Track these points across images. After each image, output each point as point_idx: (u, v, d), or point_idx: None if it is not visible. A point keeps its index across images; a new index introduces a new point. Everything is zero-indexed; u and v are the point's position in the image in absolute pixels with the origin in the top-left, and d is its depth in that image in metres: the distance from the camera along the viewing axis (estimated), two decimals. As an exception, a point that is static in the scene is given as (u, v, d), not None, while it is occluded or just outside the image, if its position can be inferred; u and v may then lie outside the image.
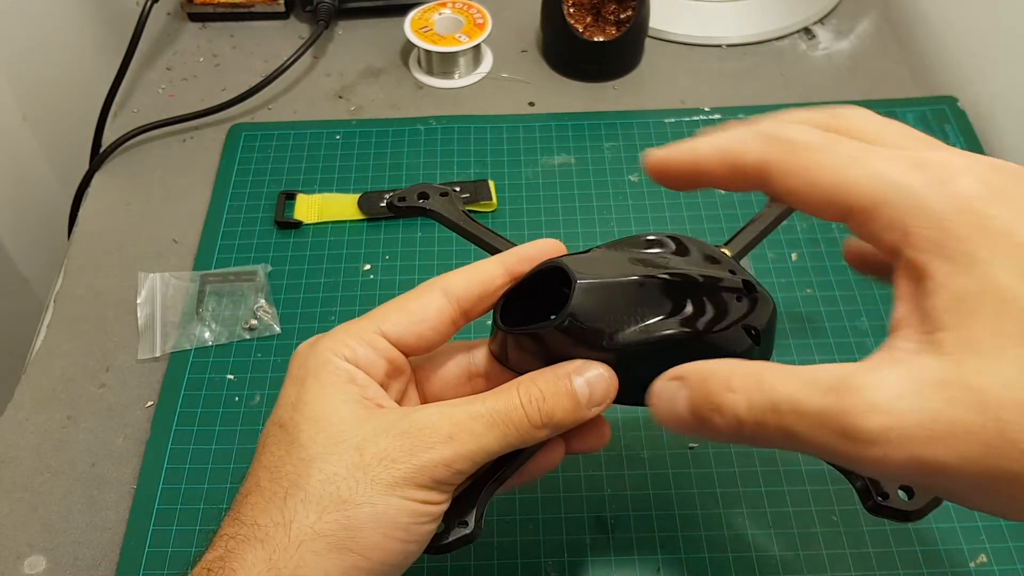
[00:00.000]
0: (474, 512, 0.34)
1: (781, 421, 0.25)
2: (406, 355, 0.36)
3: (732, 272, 0.35)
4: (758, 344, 0.34)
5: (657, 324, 0.33)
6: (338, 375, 0.33)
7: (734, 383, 0.27)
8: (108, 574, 0.46)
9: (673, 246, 0.36)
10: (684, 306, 0.33)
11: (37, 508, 0.49)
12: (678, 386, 0.29)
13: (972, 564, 0.46)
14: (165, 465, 0.50)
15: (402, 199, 0.41)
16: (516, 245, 0.37)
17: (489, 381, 0.37)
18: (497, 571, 0.46)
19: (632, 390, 0.33)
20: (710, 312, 0.33)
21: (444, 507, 0.33)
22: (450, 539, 0.34)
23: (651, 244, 0.36)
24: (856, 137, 0.28)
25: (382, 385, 0.35)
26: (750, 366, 0.27)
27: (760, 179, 0.28)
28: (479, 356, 0.38)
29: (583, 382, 0.33)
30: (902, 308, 0.25)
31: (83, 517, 0.48)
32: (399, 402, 0.36)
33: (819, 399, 0.24)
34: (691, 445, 0.50)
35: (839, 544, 0.46)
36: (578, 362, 0.33)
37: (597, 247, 0.36)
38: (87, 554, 0.47)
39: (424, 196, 0.41)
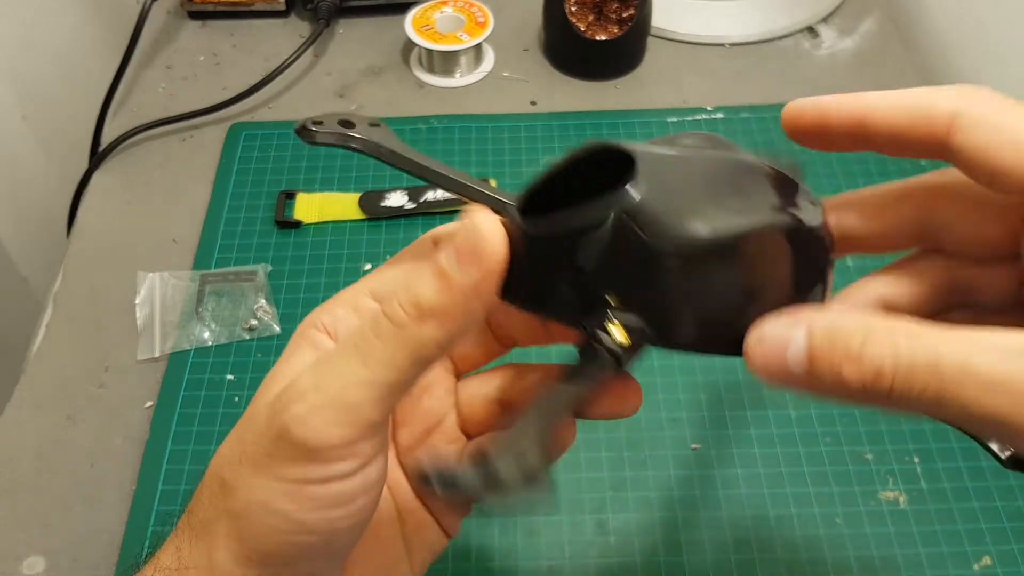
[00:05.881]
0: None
1: (940, 381, 0.22)
2: None
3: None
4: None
5: (760, 210, 0.25)
6: (302, 349, 0.29)
7: (876, 337, 0.23)
8: (107, 575, 0.46)
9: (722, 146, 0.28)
10: (778, 196, 0.26)
11: (36, 508, 0.48)
12: (796, 330, 0.24)
13: (976, 566, 0.45)
14: (164, 466, 0.50)
15: (318, 123, 0.29)
16: (489, 185, 0.29)
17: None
18: (498, 573, 0.46)
19: (686, 326, 0.26)
20: (806, 205, 0.27)
21: (350, 484, 0.26)
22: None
23: (699, 140, 0.28)
24: None
25: None
26: (889, 320, 0.23)
27: (945, 132, 0.25)
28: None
29: (446, 252, 0.26)
30: None
31: (82, 518, 0.48)
32: None
33: (1004, 364, 0.21)
34: (693, 446, 0.50)
35: (842, 546, 0.46)
36: (440, 230, 0.29)
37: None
38: (86, 555, 0.47)
39: (348, 124, 0.30)
